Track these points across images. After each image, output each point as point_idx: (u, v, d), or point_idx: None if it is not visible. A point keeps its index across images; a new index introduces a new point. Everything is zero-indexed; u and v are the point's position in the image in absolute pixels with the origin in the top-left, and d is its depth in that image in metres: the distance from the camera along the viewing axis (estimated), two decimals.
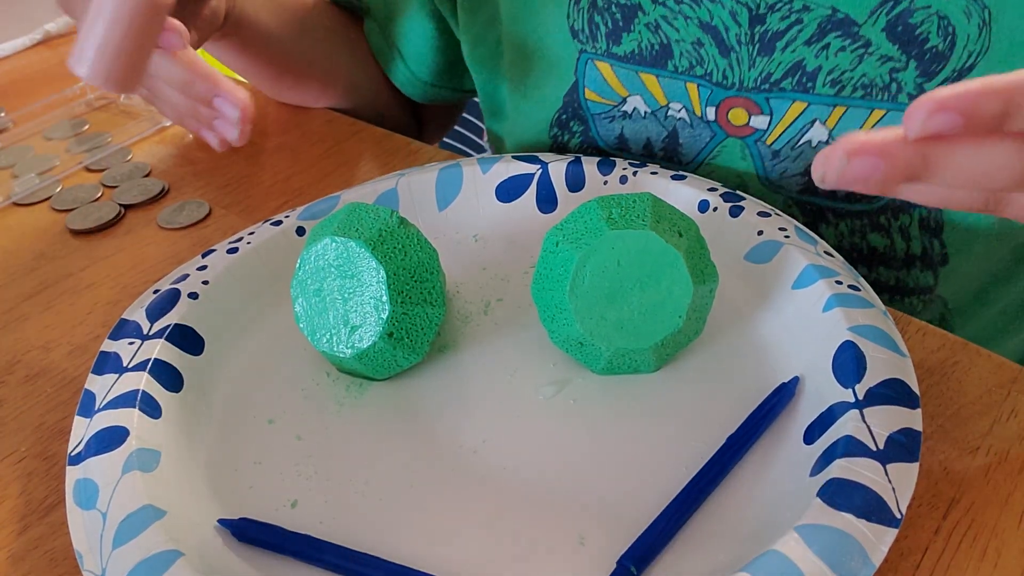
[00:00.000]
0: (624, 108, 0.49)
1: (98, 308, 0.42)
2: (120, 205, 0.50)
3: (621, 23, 0.46)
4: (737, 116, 0.45)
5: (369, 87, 0.62)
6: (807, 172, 0.46)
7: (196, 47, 0.47)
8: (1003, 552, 0.28)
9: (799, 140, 0.44)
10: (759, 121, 0.45)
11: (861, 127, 0.42)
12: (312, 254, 0.33)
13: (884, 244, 0.46)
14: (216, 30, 0.49)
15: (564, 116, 0.51)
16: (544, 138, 0.54)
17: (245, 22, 0.52)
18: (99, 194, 0.51)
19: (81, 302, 0.42)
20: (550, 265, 0.32)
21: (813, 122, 0.43)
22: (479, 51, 0.54)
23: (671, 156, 0.49)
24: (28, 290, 0.44)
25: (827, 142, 0.44)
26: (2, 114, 0.61)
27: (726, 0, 0.42)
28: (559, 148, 0.53)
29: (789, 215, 0.47)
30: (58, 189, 0.52)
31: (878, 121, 0.42)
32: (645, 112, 0.48)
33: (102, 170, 0.53)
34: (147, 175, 0.53)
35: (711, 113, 0.46)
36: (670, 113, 0.47)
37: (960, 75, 0.39)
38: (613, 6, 0.46)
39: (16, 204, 0.51)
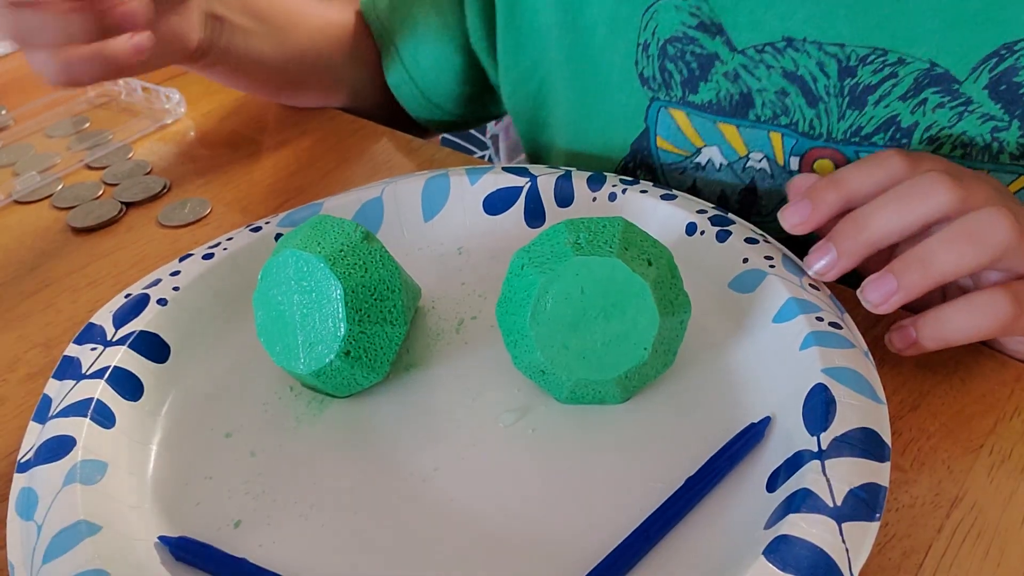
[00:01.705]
0: (697, 160, 0.46)
1: (99, 306, 0.41)
2: (121, 203, 0.50)
3: (697, 72, 0.44)
4: (823, 167, 0.43)
5: (372, 93, 0.61)
6: None
7: (149, 69, 0.45)
8: (1006, 551, 0.28)
9: None
10: None
11: None
12: (273, 266, 0.33)
13: None
14: (186, 59, 0.47)
15: (631, 164, 0.49)
16: None
17: (234, 54, 0.50)
18: (100, 192, 0.51)
19: (82, 300, 0.43)
20: (514, 288, 0.31)
21: None
22: (523, 91, 0.53)
23: (750, 208, 0.47)
24: (29, 288, 0.44)
25: None
26: (3, 112, 0.61)
27: (813, 51, 0.40)
28: None
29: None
30: (59, 187, 0.52)
31: None
32: (721, 164, 0.46)
33: (103, 168, 0.54)
34: (148, 173, 0.53)
35: (795, 163, 0.43)
36: (749, 164, 0.45)
37: None
38: (688, 54, 0.43)
39: (17, 202, 0.51)
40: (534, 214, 0.42)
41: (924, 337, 0.32)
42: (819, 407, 0.28)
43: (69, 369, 0.33)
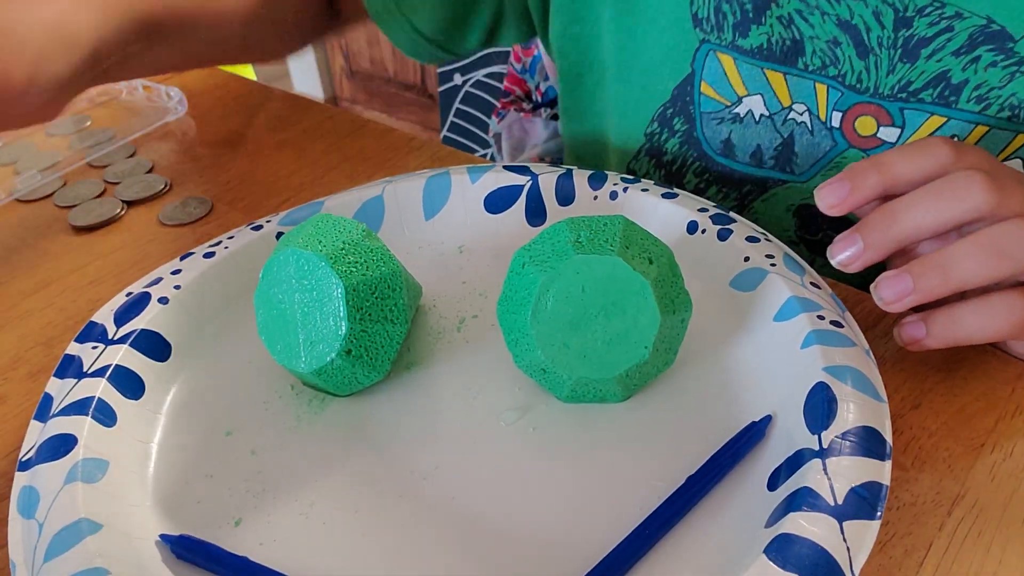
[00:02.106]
0: (737, 110, 0.45)
1: (100, 305, 0.42)
2: (122, 202, 0.50)
3: (751, 14, 0.43)
4: (865, 125, 0.42)
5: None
6: None
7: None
8: (1008, 548, 0.28)
9: None
10: (888, 133, 0.42)
11: (1001, 151, 0.39)
12: (275, 265, 0.33)
13: None
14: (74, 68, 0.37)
15: (670, 111, 0.48)
16: (638, 134, 0.50)
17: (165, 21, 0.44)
18: (101, 190, 0.51)
19: (84, 299, 0.43)
20: (515, 287, 0.31)
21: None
22: (574, 30, 0.51)
23: (783, 165, 0.46)
24: (30, 287, 0.44)
25: None
26: None
27: None
28: (654, 150, 0.50)
29: None
30: (60, 185, 0.52)
31: (1019, 148, 0.39)
32: (760, 116, 0.45)
33: (104, 166, 0.54)
34: (149, 171, 0.53)
35: (836, 119, 0.43)
36: (790, 116, 0.44)
37: None
38: None
39: (18, 200, 0.51)
40: (535, 213, 0.42)
41: (934, 335, 0.32)
42: (820, 405, 0.28)
43: (70, 368, 0.33)
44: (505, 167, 0.43)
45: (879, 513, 0.25)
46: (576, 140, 0.57)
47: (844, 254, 0.32)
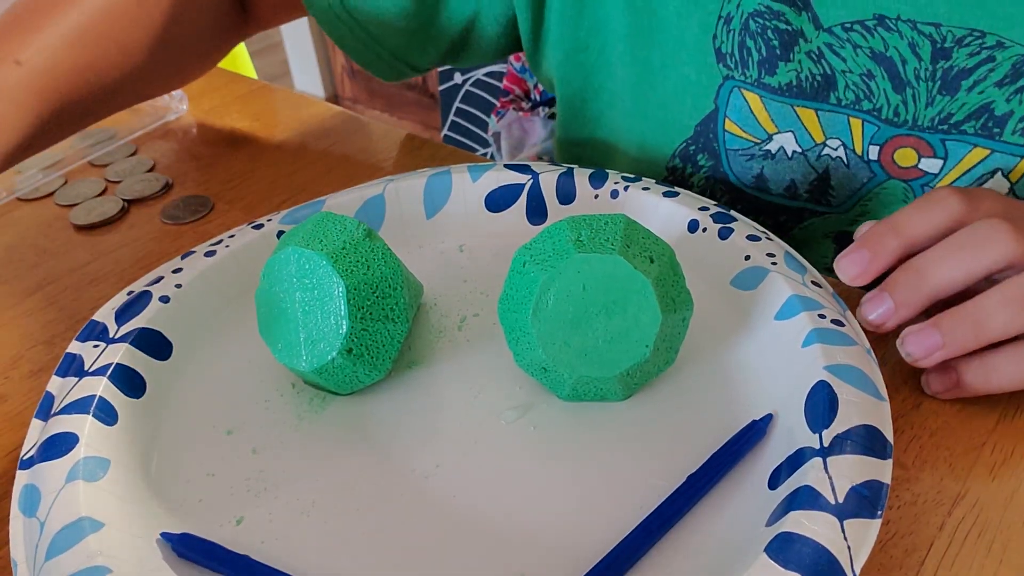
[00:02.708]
0: (768, 147, 0.44)
1: (101, 303, 0.42)
2: (123, 200, 0.50)
3: (778, 50, 0.41)
4: (905, 157, 0.41)
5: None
6: None
7: None
8: (1008, 548, 0.28)
9: None
10: (930, 164, 0.40)
11: None
12: (275, 263, 0.33)
13: None
14: None
15: (692, 148, 0.46)
16: (659, 169, 0.48)
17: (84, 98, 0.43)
18: (102, 189, 0.51)
19: (85, 297, 0.43)
20: (516, 286, 0.31)
21: (995, 172, 0.39)
22: (578, 59, 0.49)
23: (820, 198, 0.44)
24: (32, 285, 0.44)
25: (1008, 194, 0.39)
26: None
27: (906, 30, 0.37)
28: (677, 182, 0.48)
29: None
30: (62, 184, 0.52)
31: None
32: (793, 152, 0.43)
33: (106, 165, 0.54)
34: (150, 170, 0.53)
35: (874, 152, 0.41)
36: (825, 152, 0.42)
37: None
38: (769, 31, 0.40)
39: (20, 199, 0.52)
40: (536, 211, 0.42)
41: (969, 384, 0.31)
42: (821, 404, 0.28)
43: (71, 366, 0.33)
44: (506, 166, 0.43)
45: (880, 512, 0.25)
46: (575, 155, 0.55)
47: (875, 313, 0.32)
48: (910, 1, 0.37)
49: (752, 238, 0.36)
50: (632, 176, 0.41)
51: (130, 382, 0.33)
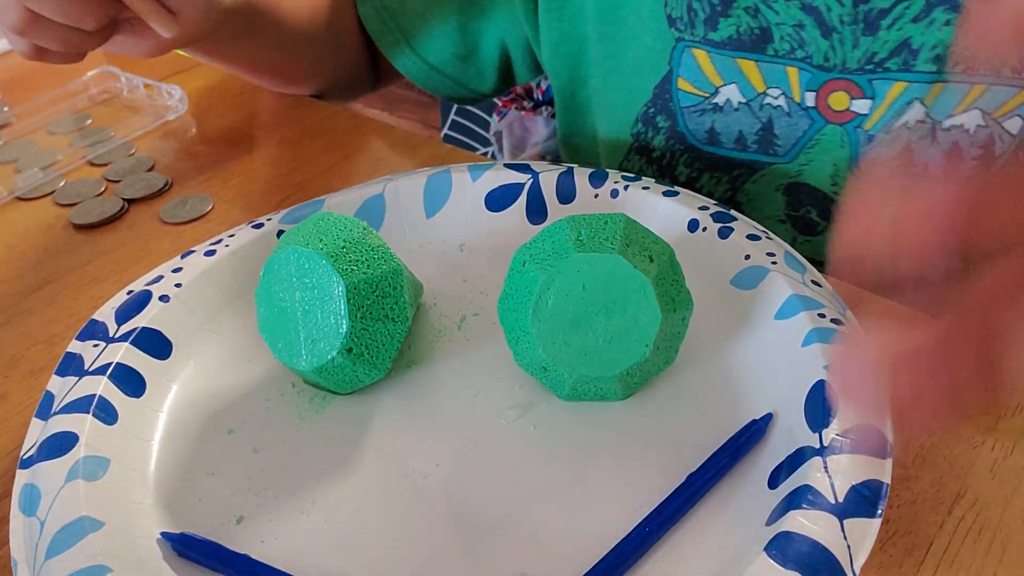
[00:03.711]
0: (716, 100, 0.47)
1: (102, 303, 0.42)
2: (123, 200, 0.50)
3: (719, 7, 0.45)
4: (838, 100, 0.44)
5: (344, 74, 0.61)
6: (900, 155, 0.43)
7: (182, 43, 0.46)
8: (1008, 546, 0.28)
9: (895, 122, 0.43)
10: (860, 105, 0.43)
11: (959, 103, 0.41)
12: (275, 263, 0.33)
13: None
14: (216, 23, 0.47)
15: (652, 110, 0.50)
16: (626, 136, 0.52)
17: (266, 13, 0.51)
18: (102, 189, 0.51)
19: (85, 297, 0.43)
20: (516, 286, 0.31)
21: (912, 102, 0.41)
22: (564, 49, 0.53)
23: (766, 148, 0.47)
24: (32, 285, 0.44)
25: (923, 121, 0.42)
26: (5, 109, 0.62)
27: None
28: (642, 148, 0.51)
29: None
30: (61, 184, 0.52)
31: (978, 96, 0.40)
32: (738, 103, 0.47)
33: (105, 164, 0.54)
34: (150, 170, 0.53)
35: (810, 99, 0.44)
36: (766, 102, 0.46)
37: None
38: None
39: (19, 199, 0.52)
40: (536, 211, 0.42)
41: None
42: (821, 403, 0.28)
43: (71, 365, 0.33)
44: (506, 165, 0.43)
45: (880, 511, 0.25)
46: (571, 146, 0.59)
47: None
48: None
49: (752, 237, 0.36)
50: (632, 175, 0.41)
51: (130, 381, 0.33)
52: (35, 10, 0.40)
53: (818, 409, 0.28)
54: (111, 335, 0.34)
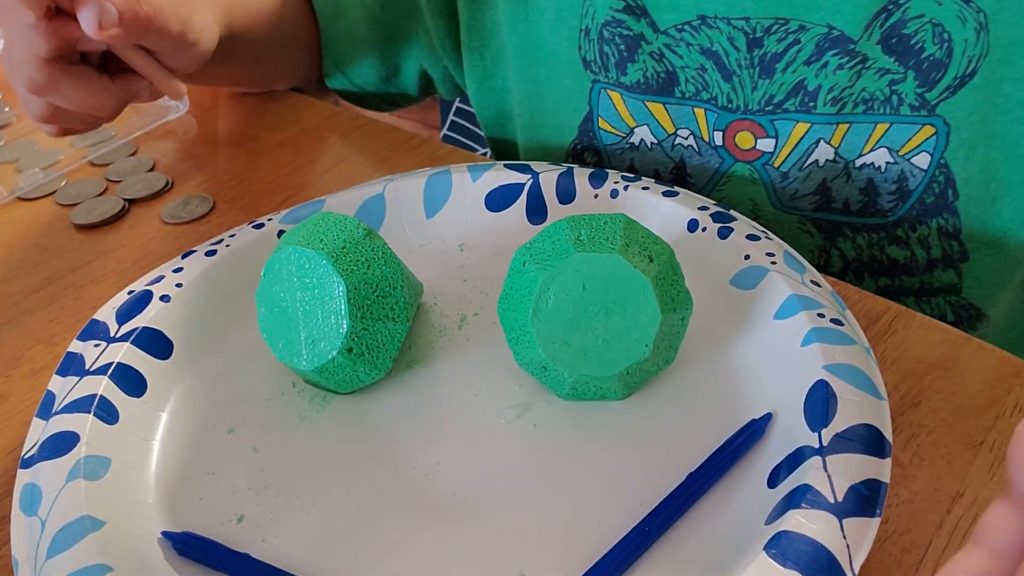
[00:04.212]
0: (632, 140, 0.49)
1: (102, 303, 0.42)
2: (124, 200, 0.50)
3: (626, 53, 0.46)
4: (744, 140, 0.45)
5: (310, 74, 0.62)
6: (818, 191, 0.45)
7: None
8: None
9: (806, 160, 0.44)
10: (765, 144, 0.44)
11: (865, 143, 0.42)
12: (276, 263, 0.33)
13: (904, 255, 0.45)
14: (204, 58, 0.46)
15: (579, 147, 0.52)
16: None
17: (238, 37, 0.51)
18: (103, 189, 0.51)
19: (85, 297, 0.43)
20: (516, 285, 0.31)
21: (818, 142, 0.43)
22: (488, 85, 0.54)
23: (682, 185, 0.48)
24: (32, 284, 0.44)
25: (834, 160, 0.43)
26: (6, 109, 0.62)
27: (723, 26, 0.42)
28: None
29: (806, 231, 0.46)
30: (62, 184, 0.52)
31: (882, 135, 0.41)
32: (652, 143, 0.48)
33: (106, 165, 0.54)
34: (151, 170, 0.53)
35: (719, 138, 0.45)
36: (677, 142, 0.47)
37: (962, 81, 0.38)
38: (617, 37, 0.46)
39: (20, 199, 0.52)
40: (536, 211, 0.42)
41: None
42: (820, 403, 0.28)
43: (72, 365, 0.33)
44: (506, 165, 0.43)
45: (879, 511, 0.25)
46: None
47: None
48: (723, 1, 0.42)
49: (752, 237, 0.36)
50: (632, 176, 0.42)
51: (131, 381, 0.33)
52: (58, 104, 0.42)
53: (817, 409, 0.28)
54: (112, 335, 0.34)
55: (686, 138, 0.47)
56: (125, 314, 0.35)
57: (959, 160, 0.41)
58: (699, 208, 0.39)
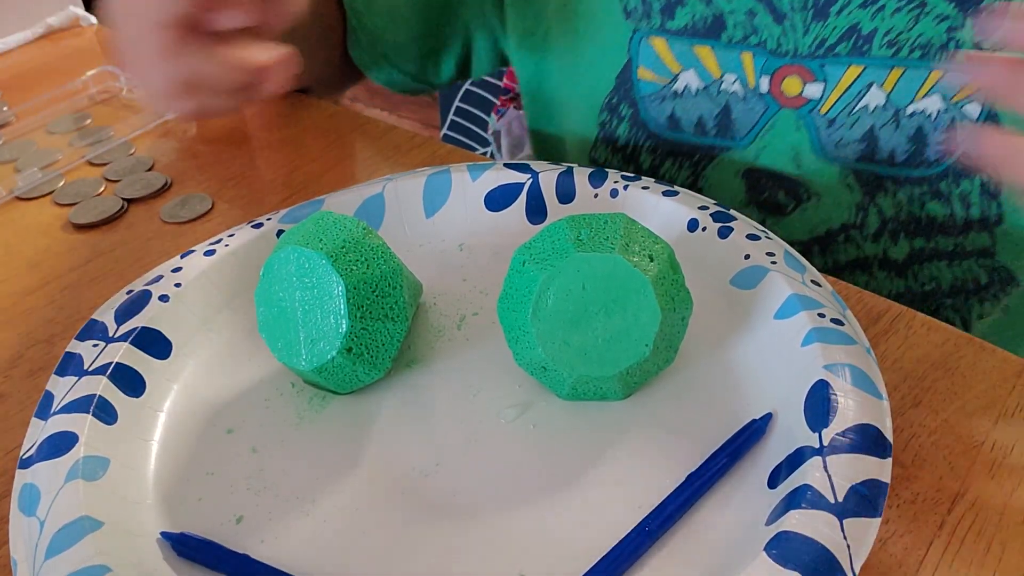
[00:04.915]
0: (675, 87, 0.49)
1: (101, 303, 0.42)
2: (123, 199, 0.50)
3: None
4: (791, 85, 0.45)
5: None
6: (864, 139, 0.45)
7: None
8: (1007, 547, 0.28)
9: (856, 106, 0.44)
10: (813, 90, 0.45)
11: (919, 89, 0.42)
12: (275, 262, 0.33)
13: (944, 213, 0.45)
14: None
15: (615, 99, 0.52)
16: (592, 126, 0.54)
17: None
18: (102, 188, 0.51)
19: (84, 296, 0.43)
20: (515, 285, 0.31)
21: (870, 86, 0.43)
22: (529, 42, 0.55)
23: (724, 133, 0.49)
24: (31, 284, 0.44)
25: (884, 106, 0.43)
26: (4, 108, 0.61)
27: None
28: (608, 138, 0.53)
29: (846, 185, 0.46)
30: (61, 183, 0.52)
31: (936, 82, 0.41)
32: (697, 89, 0.48)
33: (105, 164, 0.54)
34: (150, 169, 0.53)
35: (765, 84, 0.46)
36: (723, 87, 0.47)
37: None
38: None
39: (19, 198, 0.51)
40: (536, 210, 0.42)
41: None
42: (821, 403, 0.28)
43: (71, 365, 0.33)
44: (506, 165, 0.43)
45: (879, 511, 0.25)
46: (540, 136, 0.61)
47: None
48: None
49: (752, 237, 0.36)
50: (631, 175, 0.42)
51: (130, 381, 0.33)
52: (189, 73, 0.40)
53: (818, 409, 0.28)
54: (111, 335, 0.34)
55: (732, 83, 0.47)
56: (124, 314, 0.35)
57: (1009, 112, 0.41)
58: (699, 208, 0.39)
